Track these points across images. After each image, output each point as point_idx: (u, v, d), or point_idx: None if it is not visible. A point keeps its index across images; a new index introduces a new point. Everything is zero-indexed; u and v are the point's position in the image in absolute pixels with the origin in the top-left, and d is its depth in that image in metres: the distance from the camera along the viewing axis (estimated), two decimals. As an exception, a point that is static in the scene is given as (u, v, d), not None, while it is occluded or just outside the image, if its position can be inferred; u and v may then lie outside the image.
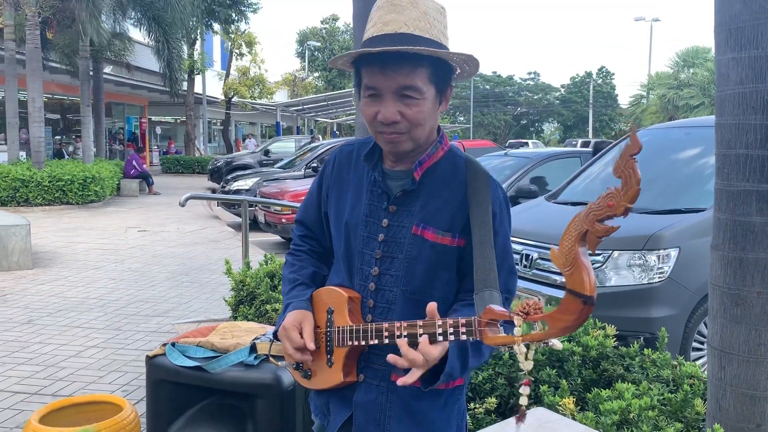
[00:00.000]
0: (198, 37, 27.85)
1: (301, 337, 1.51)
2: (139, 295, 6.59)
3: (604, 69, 67.94)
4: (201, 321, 5.65)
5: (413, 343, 1.31)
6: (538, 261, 4.82)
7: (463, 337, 1.25)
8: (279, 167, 14.81)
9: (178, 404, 2.19)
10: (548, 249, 4.79)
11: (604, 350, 2.91)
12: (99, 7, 13.88)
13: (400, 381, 1.33)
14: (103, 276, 7.46)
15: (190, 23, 21.94)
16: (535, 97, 67.26)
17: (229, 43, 32.47)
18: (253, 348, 2.13)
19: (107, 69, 22.10)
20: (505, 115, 66.22)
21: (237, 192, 12.32)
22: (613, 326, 3.11)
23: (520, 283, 4.82)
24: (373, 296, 1.52)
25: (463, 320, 1.25)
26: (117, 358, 4.71)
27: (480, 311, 1.26)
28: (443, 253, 1.48)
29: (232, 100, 32.89)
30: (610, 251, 4.40)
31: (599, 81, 66.41)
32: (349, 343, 1.46)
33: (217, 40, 35.10)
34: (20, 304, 6.16)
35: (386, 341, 1.38)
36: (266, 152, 19.18)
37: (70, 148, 23.82)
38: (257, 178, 12.80)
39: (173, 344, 2.24)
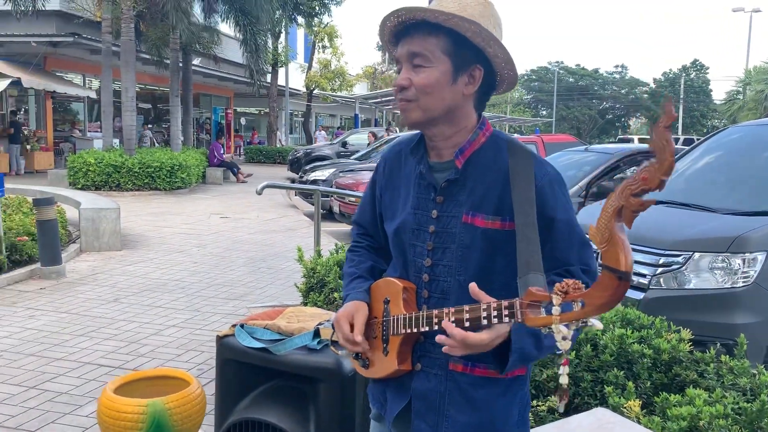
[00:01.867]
0: (282, 30, 28.45)
1: (352, 329, 1.55)
2: (218, 279, 6.85)
3: (697, 62, 64.84)
4: (274, 306, 5.82)
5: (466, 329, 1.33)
6: (613, 260, 4.67)
7: (506, 320, 1.25)
8: (355, 158, 14.99)
9: (244, 384, 2.28)
10: (625, 248, 4.67)
11: (677, 354, 2.81)
12: (186, 7, 14.42)
13: (438, 338, 1.34)
14: (186, 259, 7.79)
15: (275, 16, 22.47)
16: (622, 92, 64.96)
17: (312, 36, 33.00)
18: (316, 333, 2.19)
19: (196, 61, 22.93)
20: (590, 109, 64.30)
21: (314, 182, 12.55)
22: (688, 330, 2.99)
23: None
24: (428, 287, 1.53)
25: (506, 303, 1.26)
26: (194, 338, 4.92)
27: (523, 293, 1.26)
28: (496, 239, 1.47)
29: (313, 92, 33.44)
30: (691, 252, 4.22)
31: (692, 74, 63.42)
32: (403, 331, 1.49)
33: (300, 32, 35.76)
34: (108, 283, 6.53)
35: (436, 327, 1.40)
36: (344, 144, 19.45)
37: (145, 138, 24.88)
38: (334, 169, 13.00)
39: (242, 325, 2.33)
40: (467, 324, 1.31)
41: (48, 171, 16.66)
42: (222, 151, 19.33)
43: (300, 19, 30.23)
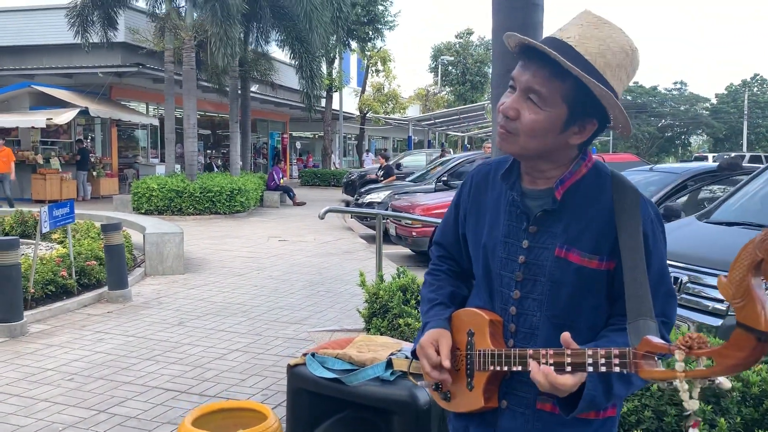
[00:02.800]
0: (336, 55, 28.92)
1: (438, 355, 1.49)
2: (278, 302, 6.89)
3: (758, 77, 62.81)
4: (335, 330, 5.80)
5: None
6: (687, 285, 4.48)
7: (617, 369, 1.18)
8: (410, 181, 14.99)
9: (316, 414, 2.25)
10: (699, 273, 4.46)
11: (768, 387, 2.64)
12: (232, 37, 14.81)
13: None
14: (246, 283, 7.89)
15: (330, 43, 22.86)
16: (681, 108, 63.31)
17: (366, 61, 33.44)
18: (389, 363, 2.14)
19: (253, 87, 23.49)
20: (648, 126, 62.85)
21: (369, 205, 12.60)
22: (778, 361, 2.81)
23: (667, 308, 4.51)
24: (515, 320, 1.47)
25: (616, 351, 1.18)
26: (257, 362, 4.93)
27: (635, 342, 1.18)
28: (590, 277, 1.40)
29: (367, 115, 33.78)
30: (773, 277, 3.99)
31: (754, 89, 61.42)
32: (491, 367, 1.42)
33: (354, 57, 36.29)
34: (173, 307, 6.64)
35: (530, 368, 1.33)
36: (398, 166, 19.49)
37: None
38: (389, 192, 13.01)
39: (313, 354, 2.30)
40: (568, 369, 1.24)
41: (113, 196, 17.25)
42: (281, 176, 19.66)
43: (354, 45, 30.69)
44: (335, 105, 29.90)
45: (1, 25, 20.62)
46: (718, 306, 4.20)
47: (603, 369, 1.19)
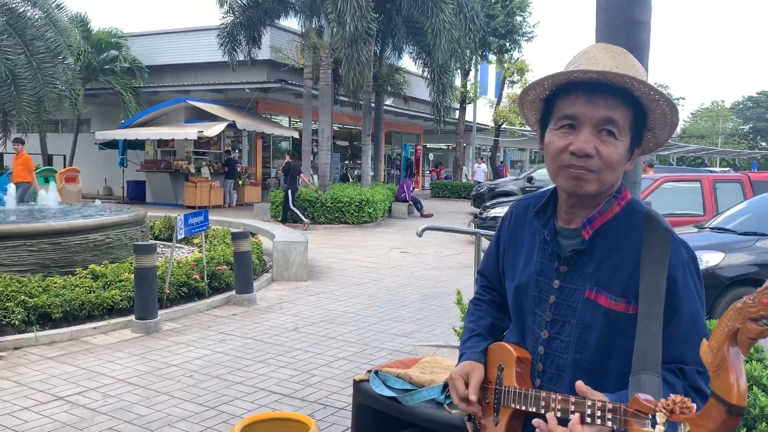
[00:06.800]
0: (472, 67, 28.91)
1: (466, 388, 1.53)
2: (389, 314, 7.05)
3: None
4: (440, 346, 5.85)
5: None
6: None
7: (609, 424, 1.15)
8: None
9: (377, 429, 2.33)
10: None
11: None
12: (364, 61, 15.27)
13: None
14: (363, 293, 8.14)
15: (465, 56, 22.92)
16: None
17: (503, 71, 33.09)
18: (445, 386, 2.17)
19: (388, 101, 24.10)
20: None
21: (494, 219, 12.48)
22: None
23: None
24: (543, 360, 1.48)
25: (610, 405, 1.16)
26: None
27: (630, 398, 1.16)
28: (618, 321, 1.37)
29: (501, 126, 33.40)
30: None
31: None
32: (512, 405, 1.44)
33: (491, 68, 36.04)
34: (291, 312, 7.01)
35: (543, 411, 1.33)
36: (530, 179, 19.12)
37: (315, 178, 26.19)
38: (515, 207, 12.81)
39: (377, 372, 2.39)
40: (571, 417, 1.23)
41: (254, 204, 18.41)
42: (411, 188, 19.94)
43: (491, 57, 30.53)
44: (469, 116, 29.85)
45: (163, 46, 22.81)
46: None
47: (598, 421, 1.17)
